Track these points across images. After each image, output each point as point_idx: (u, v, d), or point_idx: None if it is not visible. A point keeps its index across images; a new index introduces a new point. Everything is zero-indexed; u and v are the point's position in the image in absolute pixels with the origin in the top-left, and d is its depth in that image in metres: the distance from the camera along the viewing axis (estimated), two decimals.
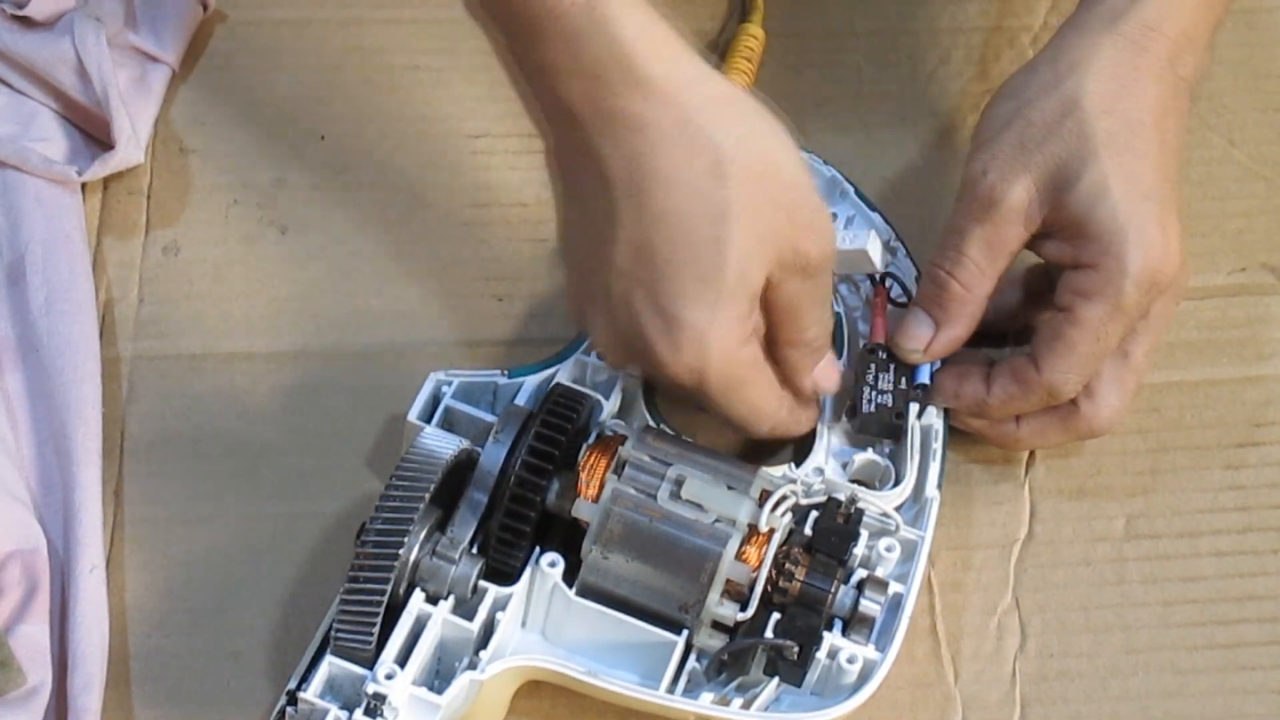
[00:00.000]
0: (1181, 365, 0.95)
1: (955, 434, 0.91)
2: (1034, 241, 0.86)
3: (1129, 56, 0.85)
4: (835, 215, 0.95)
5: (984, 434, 0.90)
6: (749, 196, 0.78)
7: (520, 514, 0.81)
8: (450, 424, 0.87)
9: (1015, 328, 0.91)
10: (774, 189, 0.79)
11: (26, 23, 0.98)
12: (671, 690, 0.82)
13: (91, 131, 0.99)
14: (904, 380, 0.89)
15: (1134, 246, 0.82)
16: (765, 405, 0.84)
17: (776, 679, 0.82)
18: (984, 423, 0.89)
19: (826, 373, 0.87)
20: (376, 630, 0.79)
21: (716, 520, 0.81)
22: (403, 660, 0.79)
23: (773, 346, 0.84)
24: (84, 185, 0.98)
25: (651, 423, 0.89)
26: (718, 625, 0.82)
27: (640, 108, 0.78)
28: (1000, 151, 0.85)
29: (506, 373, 0.89)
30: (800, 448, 0.91)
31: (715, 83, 0.80)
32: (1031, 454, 0.93)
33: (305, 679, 0.80)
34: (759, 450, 0.91)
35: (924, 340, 0.87)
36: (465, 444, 0.83)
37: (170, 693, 0.85)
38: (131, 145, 0.97)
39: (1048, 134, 0.84)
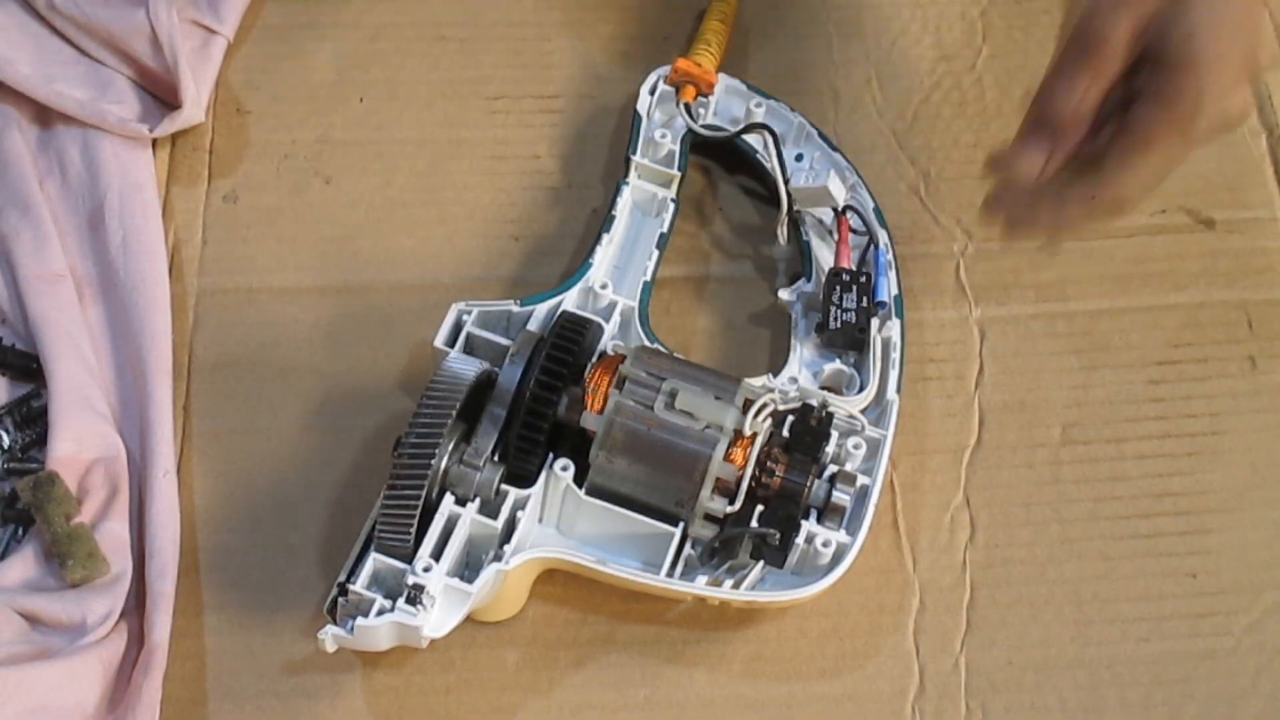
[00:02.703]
0: (1110, 295, 0.99)
1: (912, 350, 0.95)
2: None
3: None
4: (801, 156, 0.98)
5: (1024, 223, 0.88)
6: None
7: (535, 425, 0.84)
8: (471, 348, 0.89)
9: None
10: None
11: None
12: (671, 574, 0.85)
13: (160, 94, 1.02)
14: (865, 299, 0.92)
15: (1207, 80, 0.82)
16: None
17: (761, 562, 0.85)
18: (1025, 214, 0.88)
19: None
20: (414, 530, 0.82)
21: (706, 427, 0.84)
22: (437, 555, 0.82)
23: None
24: (154, 141, 1.00)
25: (647, 343, 0.91)
26: (709, 517, 0.85)
27: None
28: None
29: (519, 302, 0.91)
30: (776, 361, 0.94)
31: None
32: (980, 371, 0.96)
33: (353, 573, 0.83)
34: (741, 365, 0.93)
35: (1038, 165, 0.86)
36: (485, 365, 0.86)
37: (234, 581, 0.89)
38: (195, 106, 0.99)
39: None
